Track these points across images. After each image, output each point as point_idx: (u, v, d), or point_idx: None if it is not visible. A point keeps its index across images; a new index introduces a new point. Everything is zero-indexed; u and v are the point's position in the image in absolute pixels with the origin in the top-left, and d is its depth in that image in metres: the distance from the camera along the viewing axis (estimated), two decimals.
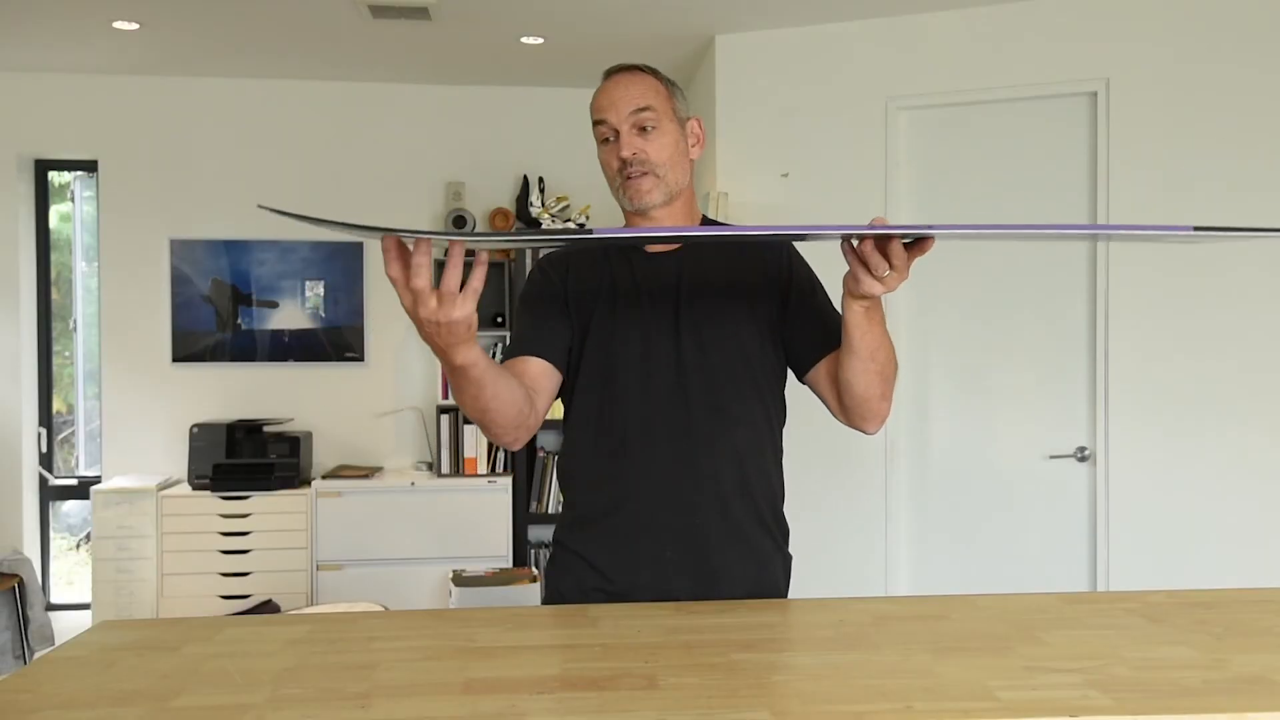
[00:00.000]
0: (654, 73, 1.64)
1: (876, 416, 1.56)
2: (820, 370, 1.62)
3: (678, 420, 1.58)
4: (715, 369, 1.60)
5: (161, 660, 1.19)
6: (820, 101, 3.84)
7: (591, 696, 1.05)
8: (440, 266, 1.15)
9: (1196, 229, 1.17)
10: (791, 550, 1.70)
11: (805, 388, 1.68)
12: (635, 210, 1.61)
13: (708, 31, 3.95)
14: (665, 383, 1.59)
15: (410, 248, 1.14)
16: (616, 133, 1.59)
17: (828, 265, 1.71)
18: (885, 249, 1.27)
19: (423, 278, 1.14)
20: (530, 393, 1.56)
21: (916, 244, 1.27)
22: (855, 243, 1.29)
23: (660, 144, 1.59)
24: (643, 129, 1.58)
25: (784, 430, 1.70)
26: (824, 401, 1.64)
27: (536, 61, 4.45)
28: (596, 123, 1.62)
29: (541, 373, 1.61)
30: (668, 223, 1.64)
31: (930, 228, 1.20)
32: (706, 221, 1.71)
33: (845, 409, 1.58)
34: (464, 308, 1.18)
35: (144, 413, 4.69)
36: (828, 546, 3.73)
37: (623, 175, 1.59)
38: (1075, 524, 3.54)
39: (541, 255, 1.77)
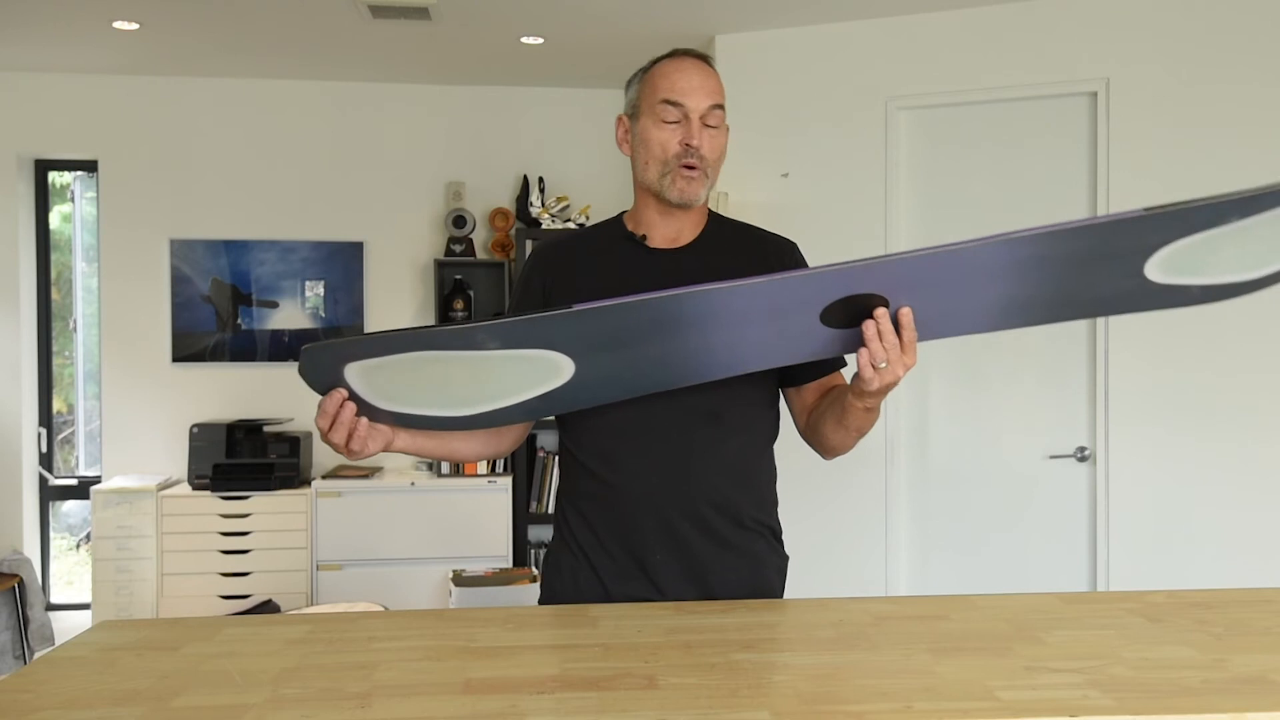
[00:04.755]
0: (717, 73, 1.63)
1: (836, 455, 1.62)
2: (803, 394, 1.64)
3: (675, 426, 1.56)
4: None
5: (161, 660, 1.19)
6: (820, 101, 3.84)
7: (591, 696, 1.05)
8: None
9: (1147, 210, 1.16)
10: (792, 551, 1.70)
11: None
12: (678, 203, 1.58)
13: (708, 31, 3.95)
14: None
15: (341, 403, 1.37)
16: (687, 118, 1.56)
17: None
18: (880, 329, 1.30)
19: (339, 434, 1.38)
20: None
21: (898, 324, 1.31)
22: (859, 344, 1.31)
23: (717, 144, 1.58)
24: (711, 126, 1.57)
25: (780, 430, 1.70)
26: (791, 415, 1.67)
27: (536, 61, 4.45)
28: (669, 103, 1.55)
29: None
30: (683, 221, 1.62)
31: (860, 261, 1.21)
32: (714, 217, 1.69)
33: (809, 440, 1.65)
34: (369, 448, 1.41)
35: (144, 413, 4.69)
36: (828, 547, 3.73)
37: (678, 162, 1.56)
38: (1075, 524, 3.54)
39: (532, 255, 1.74)
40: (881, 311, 1.28)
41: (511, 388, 1.34)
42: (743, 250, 1.64)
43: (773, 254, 1.65)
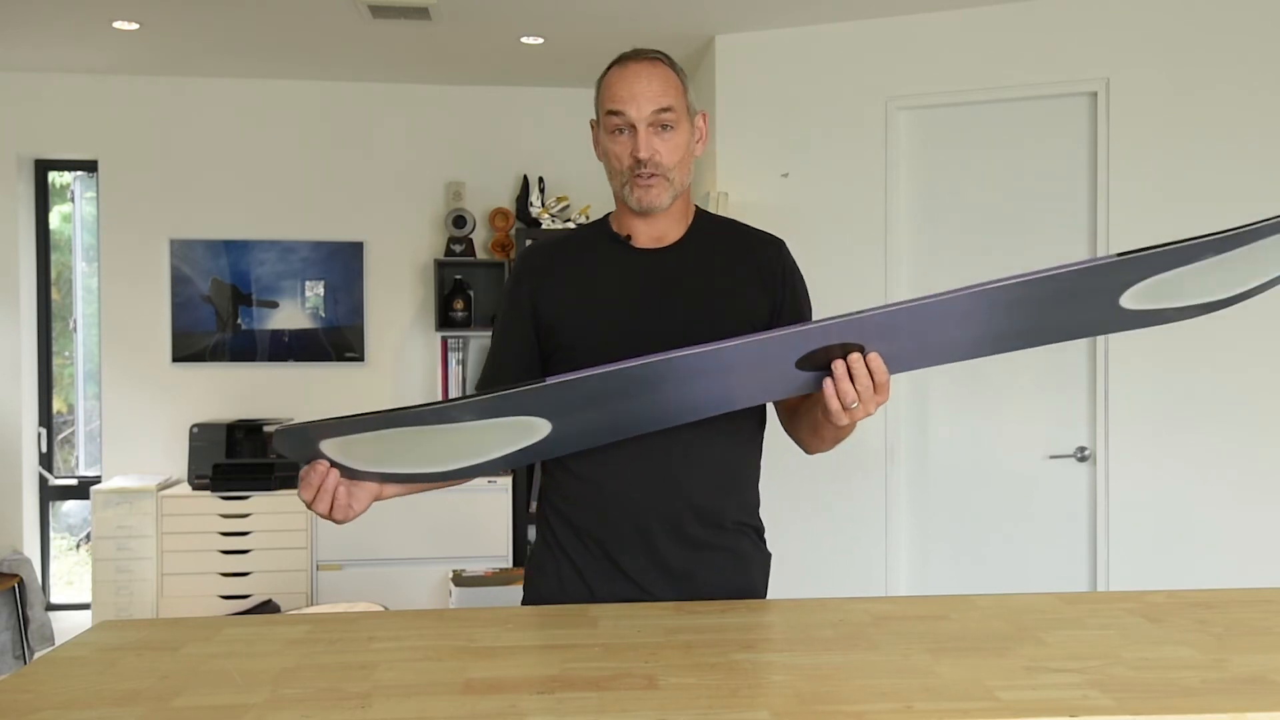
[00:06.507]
0: (670, 63, 1.58)
1: (816, 453, 1.64)
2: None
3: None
4: None
5: (161, 660, 1.19)
6: (820, 101, 3.84)
7: (591, 696, 1.05)
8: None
9: (1121, 255, 1.13)
10: (791, 550, 1.70)
11: None
12: (641, 211, 1.57)
13: (708, 31, 3.95)
14: None
15: (321, 473, 1.36)
16: (632, 127, 1.53)
17: (826, 266, 1.71)
18: (852, 372, 1.28)
19: (322, 504, 1.37)
20: None
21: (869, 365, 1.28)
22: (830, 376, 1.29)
23: (674, 145, 1.55)
24: (661, 127, 1.53)
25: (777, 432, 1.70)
26: (776, 409, 1.67)
27: (536, 61, 4.45)
28: (612, 113, 1.54)
29: None
30: (664, 221, 1.61)
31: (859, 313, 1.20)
32: (700, 215, 1.68)
33: (790, 435, 1.65)
34: (355, 510, 1.40)
35: (144, 413, 4.69)
36: (828, 546, 3.73)
37: (632, 173, 1.54)
38: (1075, 524, 3.54)
39: (517, 261, 1.73)
40: (855, 356, 1.28)
41: (490, 447, 1.35)
42: (729, 248, 1.63)
43: (759, 251, 1.64)
